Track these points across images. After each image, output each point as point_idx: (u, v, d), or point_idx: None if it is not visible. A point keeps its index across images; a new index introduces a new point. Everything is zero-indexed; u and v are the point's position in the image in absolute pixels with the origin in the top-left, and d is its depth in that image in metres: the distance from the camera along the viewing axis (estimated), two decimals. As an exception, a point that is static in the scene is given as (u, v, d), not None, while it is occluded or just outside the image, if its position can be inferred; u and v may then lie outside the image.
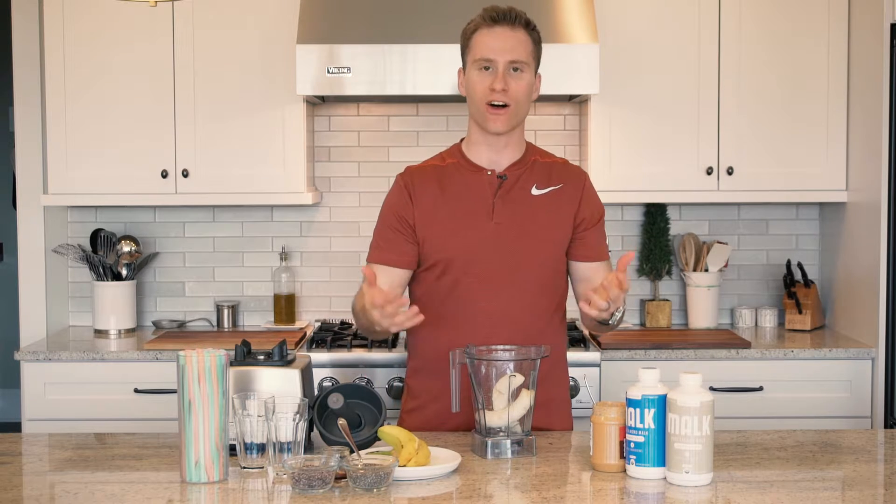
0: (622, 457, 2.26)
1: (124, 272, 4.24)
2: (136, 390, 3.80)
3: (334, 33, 3.82)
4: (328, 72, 3.77)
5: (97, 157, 4.05)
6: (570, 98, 4.21)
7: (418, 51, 3.78)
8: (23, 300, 4.36)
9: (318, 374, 3.64)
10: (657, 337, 4.02)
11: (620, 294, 2.43)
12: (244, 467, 2.29)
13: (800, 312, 4.20)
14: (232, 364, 2.45)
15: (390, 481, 2.16)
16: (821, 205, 4.38)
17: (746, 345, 3.85)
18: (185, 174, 4.03)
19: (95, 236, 4.27)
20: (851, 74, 4.02)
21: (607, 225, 2.90)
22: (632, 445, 2.22)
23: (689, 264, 4.28)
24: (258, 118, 4.04)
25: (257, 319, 4.42)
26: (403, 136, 4.38)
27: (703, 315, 4.25)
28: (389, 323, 2.45)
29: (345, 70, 3.77)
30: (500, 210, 2.70)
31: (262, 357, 2.49)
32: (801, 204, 4.40)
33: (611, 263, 2.83)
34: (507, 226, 2.70)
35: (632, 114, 4.05)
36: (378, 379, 3.70)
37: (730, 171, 4.04)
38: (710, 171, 4.05)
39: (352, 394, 2.45)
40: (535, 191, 2.73)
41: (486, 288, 2.69)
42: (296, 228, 4.41)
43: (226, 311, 4.31)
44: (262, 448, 2.27)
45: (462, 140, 2.81)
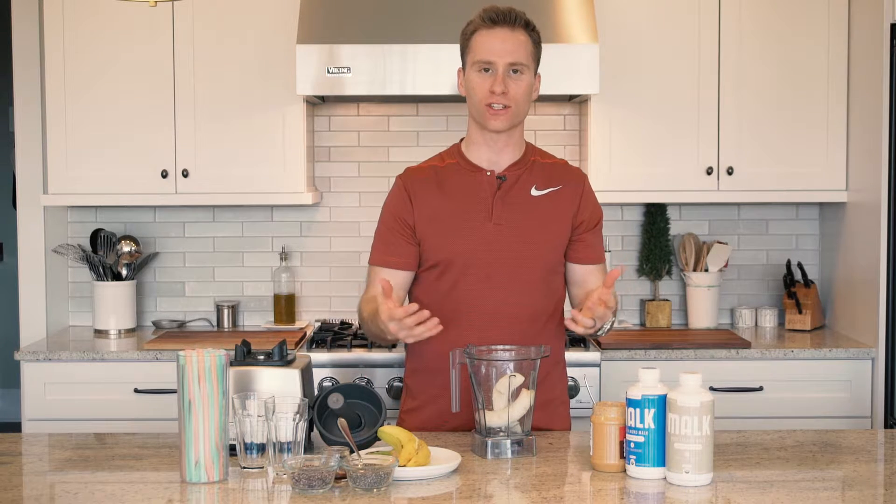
0: (622, 457, 2.26)
1: (124, 272, 4.24)
2: (136, 390, 3.80)
3: (334, 33, 3.82)
4: (328, 72, 3.77)
5: (97, 157, 4.05)
6: (570, 98, 4.21)
7: (418, 51, 3.78)
8: (23, 300, 4.36)
9: (318, 374, 3.64)
10: (657, 337, 4.02)
11: (607, 312, 2.45)
12: (244, 467, 2.29)
13: (800, 312, 4.20)
14: (232, 364, 2.45)
15: (390, 481, 2.16)
16: (821, 205, 4.38)
17: (746, 345, 3.85)
18: (185, 174, 4.03)
19: (95, 236, 4.27)
20: (851, 74, 4.01)
21: (607, 225, 2.91)
22: (632, 445, 2.22)
23: (689, 264, 4.28)
24: (258, 118, 4.04)
25: (257, 319, 4.42)
26: (403, 136, 4.38)
27: (703, 315, 4.25)
28: (407, 335, 2.43)
29: (345, 70, 3.77)
30: (499, 211, 2.70)
31: (262, 357, 2.49)
32: (801, 204, 4.40)
33: (606, 267, 2.83)
34: (507, 226, 2.69)
35: (632, 114, 4.05)
36: (378, 379, 3.70)
37: (730, 171, 4.04)
38: (709, 171, 4.05)
39: (352, 394, 2.45)
40: (534, 191, 2.73)
41: (485, 288, 2.69)
42: (296, 228, 4.41)
43: (226, 311, 4.31)
44: (262, 448, 2.27)
45: (461, 140, 2.81)
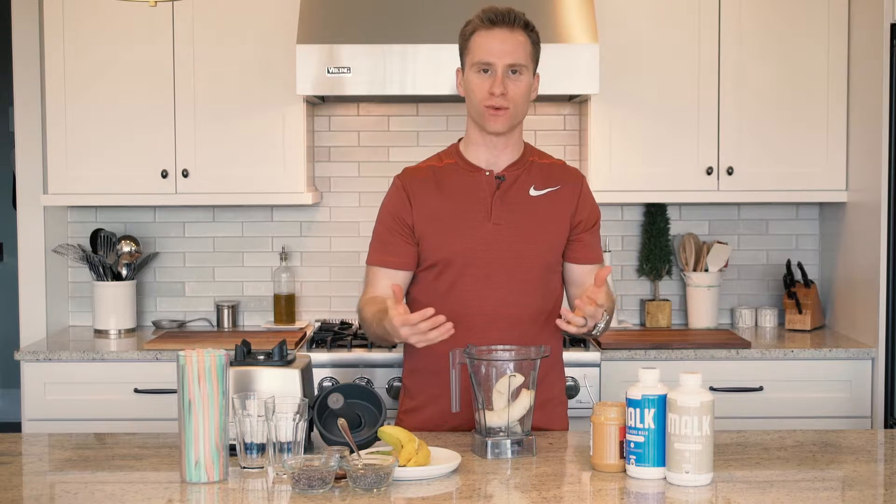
0: (622, 457, 2.26)
1: (124, 272, 4.24)
2: (136, 390, 3.80)
3: (334, 33, 3.82)
4: (328, 72, 3.77)
5: (97, 157, 4.05)
6: (570, 98, 4.21)
7: (418, 51, 3.78)
8: (23, 300, 4.36)
9: (318, 374, 3.64)
10: (657, 337, 4.02)
11: (597, 310, 2.44)
12: (244, 467, 2.29)
13: (800, 312, 4.20)
14: (232, 364, 2.45)
15: (390, 481, 2.16)
16: (821, 205, 4.38)
17: (746, 345, 3.85)
18: (185, 174, 4.03)
19: (95, 236, 4.27)
20: (851, 74, 4.01)
21: (607, 225, 2.90)
22: (632, 445, 2.22)
23: (689, 264, 4.28)
24: (258, 118, 4.04)
25: (257, 319, 4.42)
26: (403, 136, 4.38)
27: (703, 315, 4.25)
28: (420, 339, 2.41)
29: (345, 70, 3.77)
30: (498, 211, 2.70)
31: (262, 357, 2.48)
32: (801, 204, 4.40)
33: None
34: (505, 226, 2.69)
35: (632, 114, 4.05)
36: (378, 379, 3.70)
37: (730, 171, 4.04)
38: (709, 171, 4.05)
39: (352, 394, 2.45)
40: (533, 192, 2.73)
41: (483, 288, 2.69)
42: (296, 228, 4.41)
43: (226, 311, 4.31)
44: (262, 448, 2.27)
45: (460, 140, 2.81)
